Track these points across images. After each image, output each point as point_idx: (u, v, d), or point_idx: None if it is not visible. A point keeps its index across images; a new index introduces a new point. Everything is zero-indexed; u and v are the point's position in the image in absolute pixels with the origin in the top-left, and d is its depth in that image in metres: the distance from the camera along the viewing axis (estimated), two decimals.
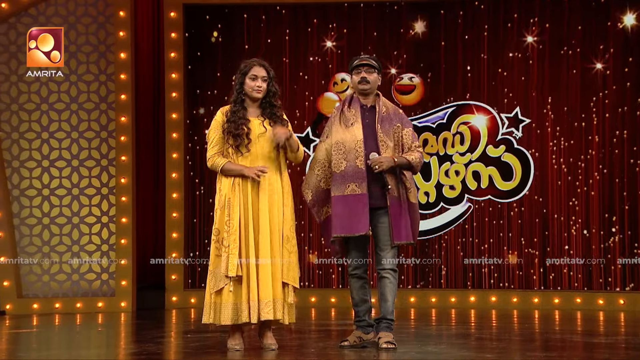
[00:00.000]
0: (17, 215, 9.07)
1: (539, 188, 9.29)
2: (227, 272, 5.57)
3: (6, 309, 8.91)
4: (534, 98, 9.34)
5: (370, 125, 5.89)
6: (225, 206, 5.67)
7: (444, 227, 9.38)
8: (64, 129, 9.15)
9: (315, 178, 5.97)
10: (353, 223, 5.78)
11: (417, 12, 9.50)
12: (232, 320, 5.59)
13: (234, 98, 5.80)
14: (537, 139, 9.32)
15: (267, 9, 9.60)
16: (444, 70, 9.46)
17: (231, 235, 5.61)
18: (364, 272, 5.94)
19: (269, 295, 5.57)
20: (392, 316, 5.87)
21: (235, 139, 5.70)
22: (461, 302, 9.26)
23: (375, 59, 5.99)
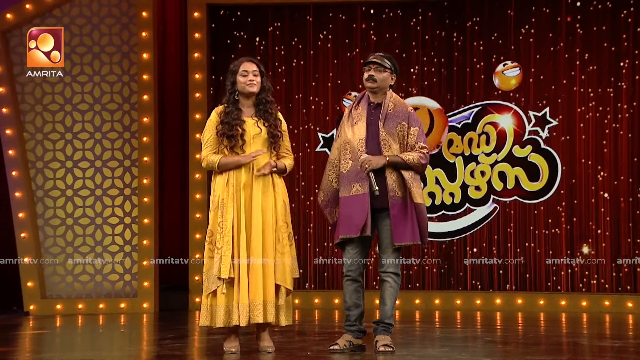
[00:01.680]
0: (41, 216, 9.09)
1: (566, 188, 9.14)
2: (219, 274, 5.50)
3: (30, 309, 8.92)
4: (563, 98, 9.20)
5: (374, 124, 5.78)
6: (219, 207, 5.59)
7: (470, 229, 9.26)
8: (87, 129, 9.15)
9: (327, 178, 5.90)
10: (352, 224, 5.70)
11: (445, 10, 9.39)
12: (224, 323, 5.53)
13: (226, 99, 5.72)
14: (565, 139, 9.17)
15: (292, 9, 9.54)
16: (469, 69, 9.36)
17: (224, 237, 5.54)
18: (358, 275, 5.81)
19: (260, 298, 5.51)
20: (390, 320, 5.79)
21: (229, 140, 5.63)
22: (487, 304, 9.13)
23: (388, 58, 5.83)
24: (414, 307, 9.21)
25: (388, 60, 5.83)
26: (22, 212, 8.97)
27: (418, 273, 9.30)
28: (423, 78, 9.41)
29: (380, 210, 5.72)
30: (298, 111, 9.52)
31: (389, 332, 5.78)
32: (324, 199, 5.91)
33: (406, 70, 9.37)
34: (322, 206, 5.95)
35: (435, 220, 9.27)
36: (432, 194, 9.30)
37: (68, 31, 9.18)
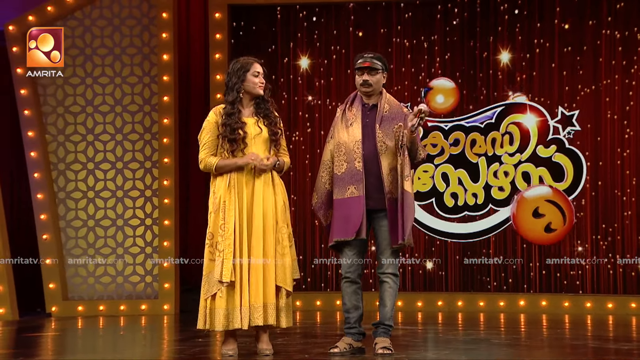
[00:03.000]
0: (62, 217, 9.10)
1: (591, 188, 9.01)
2: (221, 278, 5.44)
3: (52, 311, 8.95)
4: (589, 97, 9.07)
5: (370, 125, 5.73)
6: (220, 209, 5.54)
7: (493, 229, 9.14)
8: (108, 131, 9.16)
9: (321, 180, 5.85)
10: (349, 226, 5.64)
11: (466, 7, 9.31)
12: (223, 327, 5.49)
13: (232, 98, 5.62)
14: (591, 139, 9.03)
15: (310, 9, 9.49)
16: (492, 68, 9.25)
17: (226, 240, 5.48)
18: (357, 277, 5.75)
19: (260, 300, 5.46)
20: (390, 322, 5.73)
21: (231, 144, 5.57)
22: (510, 306, 9.02)
23: (378, 58, 5.76)
24: (436, 309, 9.11)
25: (378, 61, 5.75)
26: (44, 214, 8.99)
27: (440, 274, 9.21)
28: (445, 76, 9.31)
29: (377, 211, 5.67)
30: (320, 111, 9.46)
31: (388, 334, 5.73)
32: (318, 201, 5.86)
33: (428, 68, 9.29)
34: (315, 208, 5.89)
35: (458, 222, 9.17)
36: (455, 194, 9.20)
37: (89, 33, 9.20)
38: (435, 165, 9.24)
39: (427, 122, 9.25)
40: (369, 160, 5.69)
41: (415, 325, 7.95)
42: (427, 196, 9.23)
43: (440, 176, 9.22)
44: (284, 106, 9.46)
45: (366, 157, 5.68)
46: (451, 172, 9.19)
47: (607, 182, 9.01)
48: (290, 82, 9.48)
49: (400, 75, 9.34)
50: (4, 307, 8.60)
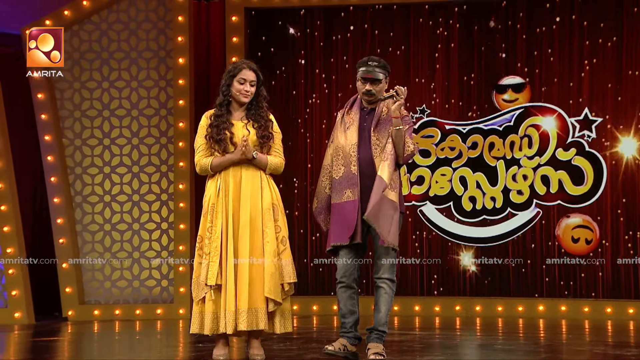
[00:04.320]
0: (79, 221, 9.11)
1: (611, 192, 8.89)
2: (206, 281, 5.43)
3: (68, 315, 8.95)
4: (607, 98, 8.95)
5: (367, 129, 5.68)
6: (209, 212, 5.53)
7: (512, 234, 9.04)
8: (124, 135, 9.16)
9: (321, 185, 5.81)
10: (344, 231, 5.60)
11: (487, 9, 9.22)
12: (212, 331, 5.46)
13: (219, 101, 5.63)
14: (611, 143, 8.91)
15: (328, 12, 9.43)
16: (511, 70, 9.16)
17: (213, 243, 5.47)
18: (352, 281, 5.69)
19: (245, 305, 5.41)
20: (383, 327, 5.67)
21: (219, 145, 5.55)
22: (529, 311, 8.90)
23: (382, 67, 5.69)
24: (454, 313, 9.02)
25: (380, 70, 5.68)
26: (61, 217, 9.00)
27: (459, 278, 9.11)
28: (462, 78, 9.22)
29: None
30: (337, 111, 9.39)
31: (381, 340, 5.67)
32: (318, 206, 5.83)
33: (447, 71, 9.21)
34: (315, 213, 5.86)
35: (476, 225, 9.08)
36: (473, 198, 9.11)
37: (106, 37, 9.20)
38: (453, 168, 9.15)
39: (445, 125, 9.17)
40: (364, 163, 5.64)
41: (431, 331, 7.88)
42: (445, 200, 9.15)
43: (458, 179, 9.14)
44: (301, 108, 9.40)
45: (361, 161, 5.64)
46: (469, 176, 9.10)
47: (627, 185, 8.88)
48: (307, 84, 9.42)
49: (415, 75, 9.27)
50: (19, 311, 8.61)
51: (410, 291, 9.12)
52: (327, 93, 9.42)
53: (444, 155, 9.18)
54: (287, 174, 9.11)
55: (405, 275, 9.16)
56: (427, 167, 9.19)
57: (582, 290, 8.89)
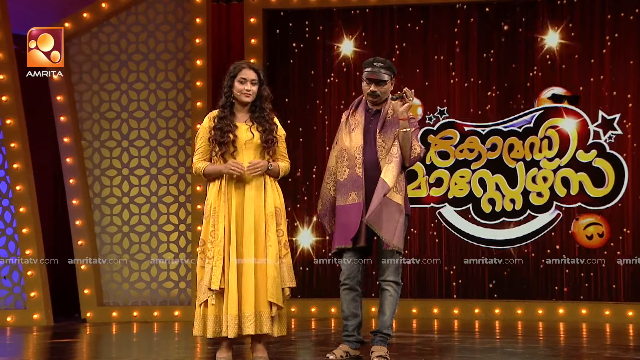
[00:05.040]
0: (98, 223, 9.13)
1: (633, 194, 8.78)
2: (209, 285, 5.42)
3: (87, 316, 8.97)
4: (628, 100, 8.85)
5: (372, 131, 5.65)
6: (211, 216, 5.51)
7: (531, 236, 8.96)
8: (143, 137, 9.17)
9: (326, 187, 5.80)
10: (347, 233, 5.57)
11: (505, 12, 9.15)
12: (214, 334, 5.46)
13: (222, 102, 5.62)
14: (633, 144, 8.81)
15: (347, 13, 9.40)
16: (531, 71, 9.08)
17: (215, 247, 5.45)
18: (356, 284, 5.68)
19: (251, 309, 5.40)
20: (388, 330, 5.66)
21: (220, 147, 5.53)
22: (549, 314, 8.82)
23: (387, 68, 5.67)
24: (473, 316, 8.95)
25: (386, 71, 5.66)
26: (80, 219, 9.02)
27: (478, 281, 9.04)
28: (482, 79, 9.15)
29: None
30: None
31: (386, 343, 5.65)
32: (322, 208, 5.82)
33: (465, 71, 9.15)
34: (320, 215, 5.85)
35: (495, 228, 9.01)
36: (492, 200, 9.03)
37: (124, 39, 9.22)
38: (472, 170, 9.08)
39: (464, 127, 9.11)
40: (369, 166, 5.62)
41: (449, 333, 7.82)
42: (464, 202, 9.08)
43: (477, 181, 9.07)
44: (317, 110, 9.37)
45: (367, 163, 5.62)
46: (488, 178, 9.04)
47: None
48: (325, 85, 9.39)
49: (433, 76, 9.21)
50: (38, 313, 8.64)
51: (429, 294, 9.06)
52: (347, 94, 9.39)
53: (463, 157, 9.11)
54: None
55: (423, 277, 9.11)
56: (446, 169, 9.13)
57: (603, 293, 8.79)
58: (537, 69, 9.05)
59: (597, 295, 8.81)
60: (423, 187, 9.13)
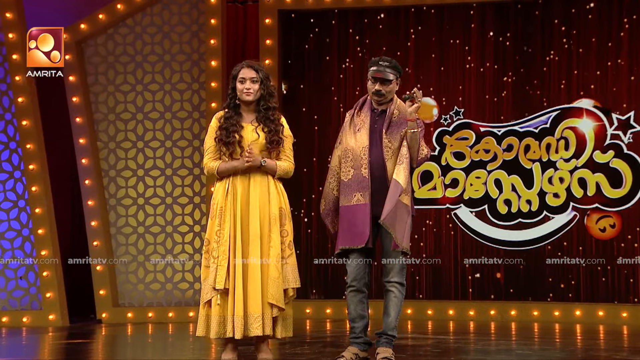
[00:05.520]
0: (113, 224, 9.14)
1: None
2: (214, 285, 5.40)
3: (102, 317, 8.98)
4: None
5: (378, 131, 5.62)
6: (217, 215, 5.51)
7: (548, 237, 8.90)
8: (158, 138, 9.18)
9: (329, 187, 5.77)
10: (354, 235, 5.54)
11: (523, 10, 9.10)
12: (218, 334, 5.45)
13: (226, 104, 5.64)
14: None
15: (362, 13, 9.37)
16: (547, 72, 9.01)
17: (221, 246, 5.44)
18: (363, 285, 5.66)
19: (258, 310, 5.38)
20: (393, 332, 5.63)
21: (227, 147, 5.54)
22: (566, 316, 8.75)
23: (393, 67, 5.63)
24: (489, 318, 8.90)
25: (391, 70, 5.62)
26: (95, 220, 9.04)
27: (493, 282, 8.99)
28: (498, 79, 9.10)
29: None
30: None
31: (391, 344, 5.63)
32: (325, 207, 5.79)
33: (480, 71, 9.10)
34: (323, 215, 5.81)
35: (511, 229, 8.95)
36: (508, 201, 8.98)
37: (140, 40, 9.23)
38: (488, 171, 9.03)
39: (480, 127, 9.06)
40: (375, 166, 5.59)
41: (465, 335, 7.78)
42: (480, 203, 9.03)
43: (493, 182, 9.02)
44: (334, 113, 9.36)
45: (372, 164, 5.59)
46: (504, 178, 8.98)
47: None
48: (341, 86, 9.36)
49: (453, 76, 9.17)
50: (54, 314, 8.66)
51: (444, 295, 9.02)
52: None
53: (478, 158, 9.06)
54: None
55: (438, 279, 9.07)
56: (462, 169, 9.08)
57: (620, 295, 8.71)
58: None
59: (615, 297, 8.73)
60: (438, 188, 9.09)
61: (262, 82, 5.58)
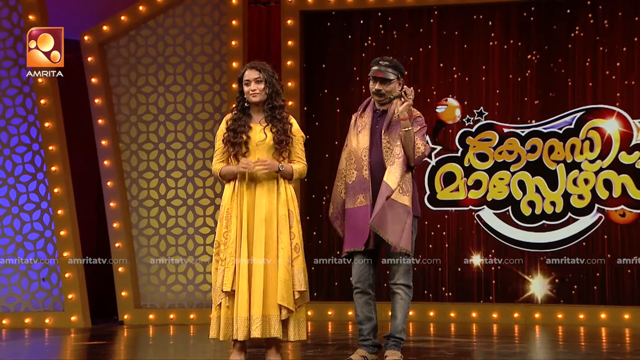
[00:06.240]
0: (135, 226, 9.14)
1: None
2: (222, 287, 5.42)
3: (124, 318, 8.98)
4: None
5: (378, 131, 5.61)
6: (224, 218, 5.51)
7: (572, 239, 8.79)
8: (179, 139, 9.17)
9: (337, 190, 5.76)
10: (357, 236, 5.53)
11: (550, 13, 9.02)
12: (226, 336, 5.45)
13: (235, 105, 5.66)
14: None
15: (385, 14, 9.32)
16: (571, 73, 8.92)
17: (228, 249, 5.45)
18: (368, 287, 5.63)
19: (259, 312, 5.37)
20: (401, 334, 5.60)
21: (233, 148, 5.53)
22: (591, 319, 8.64)
23: (392, 67, 5.62)
24: (512, 321, 8.80)
25: (392, 70, 5.61)
26: (117, 222, 9.04)
27: (517, 285, 8.90)
28: (522, 79, 9.01)
29: None
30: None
31: (399, 347, 5.60)
32: (334, 211, 5.78)
33: (505, 72, 9.02)
34: (331, 218, 5.81)
35: (535, 231, 8.86)
36: (532, 202, 8.88)
37: (162, 42, 9.23)
38: (512, 172, 8.94)
39: (503, 128, 8.98)
40: (375, 167, 5.58)
41: (489, 338, 7.70)
42: (503, 204, 8.94)
43: (516, 184, 8.93)
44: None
45: (373, 165, 5.59)
46: (528, 180, 8.89)
47: None
48: (362, 88, 9.32)
49: (472, 77, 9.10)
50: (76, 315, 8.68)
51: (467, 297, 8.95)
52: None
53: (502, 159, 8.97)
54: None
55: (461, 281, 8.99)
56: (485, 171, 9.00)
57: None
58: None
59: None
60: (461, 190, 9.02)
61: (267, 81, 5.56)
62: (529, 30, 9.02)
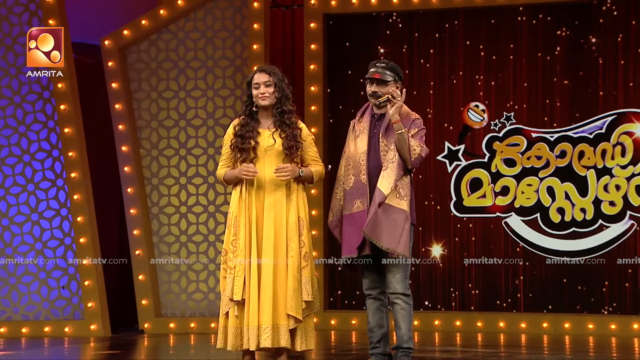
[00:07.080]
0: (156, 233, 9.02)
1: None
2: (232, 296, 5.31)
3: (144, 327, 8.86)
4: None
5: (376, 135, 5.51)
6: (232, 225, 5.40)
7: (603, 247, 8.55)
8: (200, 145, 9.04)
9: (336, 197, 5.64)
10: (352, 243, 5.40)
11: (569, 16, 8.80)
12: (234, 347, 5.34)
13: (242, 110, 5.55)
14: None
15: (408, 16, 9.14)
16: (601, 76, 8.69)
17: (237, 257, 5.33)
18: (379, 293, 5.54)
19: (268, 321, 5.25)
20: (408, 344, 5.47)
21: (241, 154, 5.42)
22: (623, 330, 8.39)
23: (391, 69, 5.53)
24: (542, 331, 8.58)
25: (390, 72, 5.52)
26: (137, 229, 8.93)
27: (547, 293, 8.68)
28: (551, 83, 8.81)
29: None
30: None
31: (409, 357, 5.49)
32: (333, 219, 5.65)
33: (534, 76, 8.82)
34: (331, 227, 5.68)
35: (565, 238, 8.63)
36: (562, 209, 8.66)
37: (182, 46, 9.11)
38: (540, 178, 8.72)
39: (531, 133, 8.77)
40: (374, 172, 5.47)
41: (517, 348, 7.49)
42: (532, 211, 8.72)
43: (545, 190, 8.70)
44: None
45: (371, 169, 5.48)
46: (557, 186, 8.67)
47: None
48: None
49: (499, 80, 8.91)
50: (95, 324, 8.57)
51: (494, 307, 8.74)
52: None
53: (530, 165, 8.76)
54: None
55: (489, 290, 8.78)
56: (513, 177, 8.78)
57: None
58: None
59: None
60: (488, 196, 8.81)
61: (276, 85, 5.46)
62: (555, 34, 8.81)
